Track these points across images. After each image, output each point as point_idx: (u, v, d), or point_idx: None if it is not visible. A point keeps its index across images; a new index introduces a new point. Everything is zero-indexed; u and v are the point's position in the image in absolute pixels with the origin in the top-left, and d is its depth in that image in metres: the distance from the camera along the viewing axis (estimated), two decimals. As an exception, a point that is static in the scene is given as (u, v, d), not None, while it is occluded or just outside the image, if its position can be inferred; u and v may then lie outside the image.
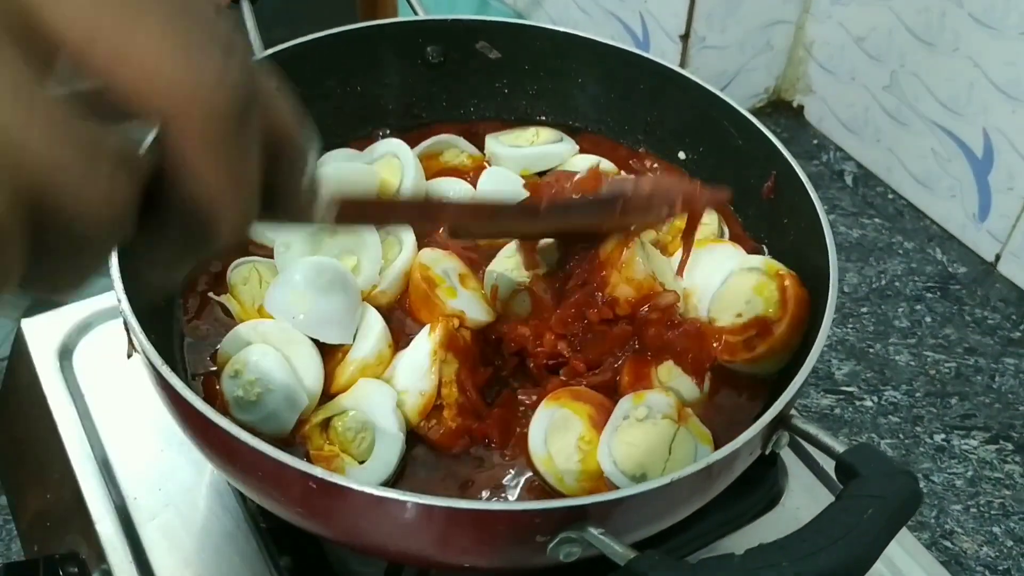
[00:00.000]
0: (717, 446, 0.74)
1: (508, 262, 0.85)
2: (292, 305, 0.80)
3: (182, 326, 0.83)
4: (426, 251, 0.85)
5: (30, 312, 0.97)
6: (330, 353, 0.80)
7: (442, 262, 0.85)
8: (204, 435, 0.67)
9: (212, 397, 0.78)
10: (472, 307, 0.82)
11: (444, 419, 0.76)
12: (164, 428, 0.87)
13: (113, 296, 0.70)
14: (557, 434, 0.74)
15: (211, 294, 0.84)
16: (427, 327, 0.79)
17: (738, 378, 0.82)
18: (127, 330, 0.69)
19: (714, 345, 0.80)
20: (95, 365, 0.94)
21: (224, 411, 0.77)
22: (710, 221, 0.92)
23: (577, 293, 0.80)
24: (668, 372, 0.79)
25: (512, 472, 0.76)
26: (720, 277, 0.83)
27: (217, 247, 0.40)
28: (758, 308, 0.80)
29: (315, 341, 0.79)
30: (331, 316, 0.80)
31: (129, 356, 0.72)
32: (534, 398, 0.78)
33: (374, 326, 0.81)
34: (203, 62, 0.36)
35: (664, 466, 0.72)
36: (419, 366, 0.77)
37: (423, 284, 0.82)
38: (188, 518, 0.83)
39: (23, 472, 0.95)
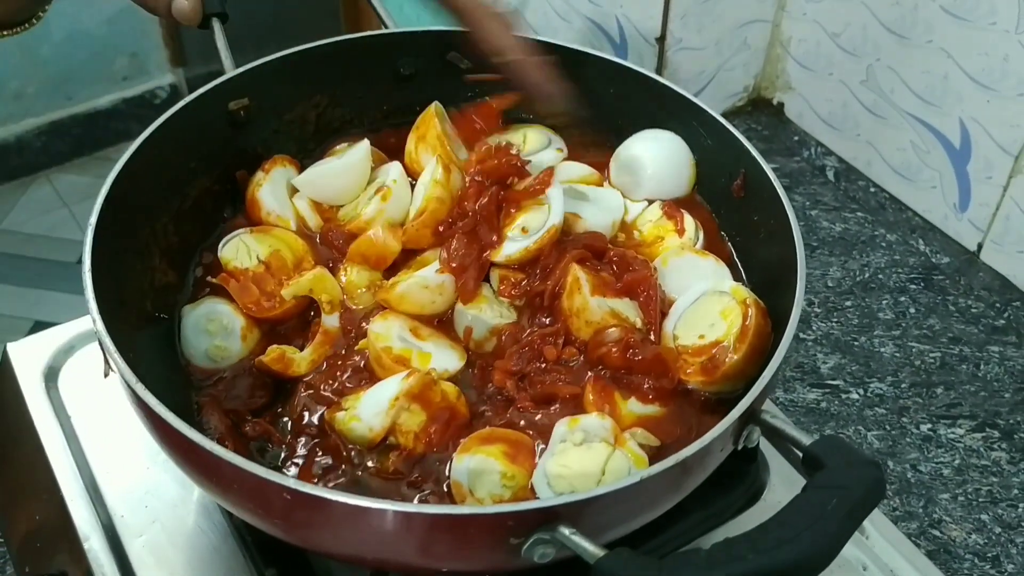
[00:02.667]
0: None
1: (483, 304, 0.85)
2: None
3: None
4: (374, 326, 0.83)
5: (16, 336, 0.98)
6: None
7: (392, 329, 0.83)
8: (181, 450, 0.68)
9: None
10: (443, 357, 0.83)
11: (387, 459, 0.76)
12: (149, 446, 0.88)
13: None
14: (479, 481, 0.73)
15: (210, 278, 0.87)
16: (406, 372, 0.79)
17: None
18: (103, 350, 0.70)
19: (676, 368, 0.81)
20: (80, 386, 0.96)
21: None
22: (688, 227, 0.93)
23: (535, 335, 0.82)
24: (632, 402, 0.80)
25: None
26: (691, 295, 0.85)
27: None
28: (719, 332, 0.81)
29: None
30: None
31: (106, 375, 0.73)
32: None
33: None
34: None
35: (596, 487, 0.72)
36: (378, 403, 0.77)
37: (397, 366, 0.80)
38: (174, 534, 0.84)
39: (12, 494, 0.96)
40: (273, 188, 0.94)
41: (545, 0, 1.66)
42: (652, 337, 0.84)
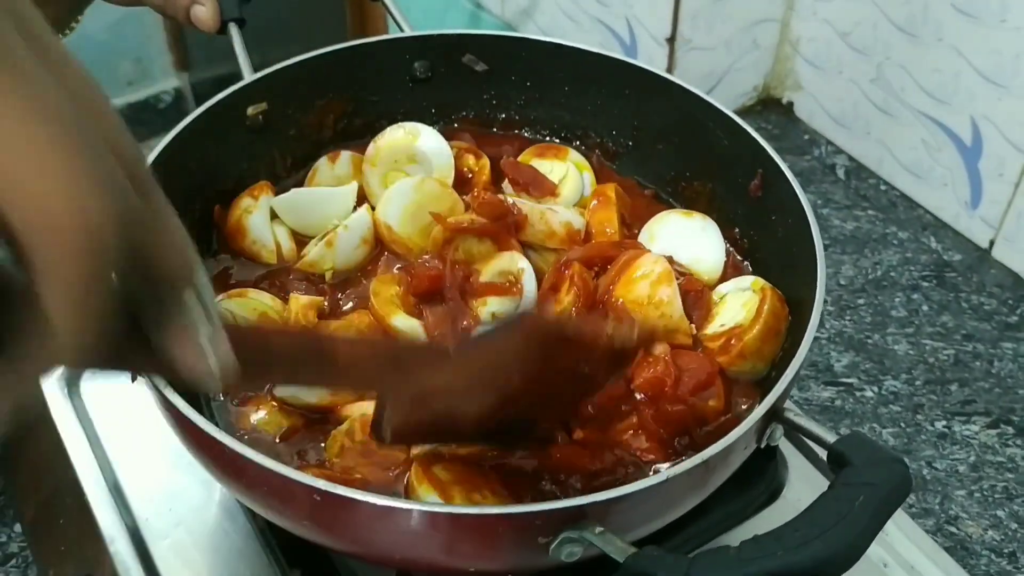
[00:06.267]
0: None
1: None
2: None
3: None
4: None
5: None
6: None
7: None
8: (209, 453, 0.68)
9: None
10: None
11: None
12: (172, 450, 0.89)
13: (116, 322, 0.72)
14: None
15: None
16: None
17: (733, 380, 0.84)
18: (130, 354, 0.71)
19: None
20: (102, 391, 0.96)
21: None
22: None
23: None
24: None
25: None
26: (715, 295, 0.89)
27: (47, 370, 0.41)
28: (739, 319, 0.84)
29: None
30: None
31: (133, 380, 0.74)
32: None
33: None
34: (86, 204, 0.36)
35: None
36: None
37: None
38: (199, 536, 0.85)
39: (36, 499, 0.96)
40: (262, 215, 0.93)
41: (554, 2, 1.67)
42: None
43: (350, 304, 0.89)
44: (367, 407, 0.79)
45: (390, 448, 0.72)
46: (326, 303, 0.88)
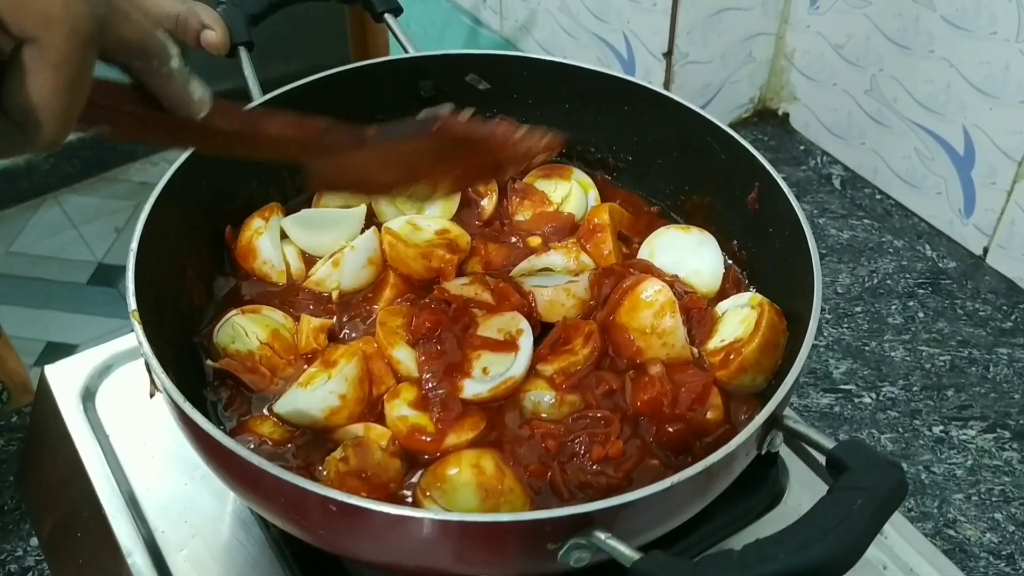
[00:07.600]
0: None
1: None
2: None
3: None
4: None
5: (52, 358, 1.01)
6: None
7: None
8: (226, 465, 0.70)
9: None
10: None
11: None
12: (186, 462, 0.91)
13: (132, 339, 0.74)
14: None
15: (209, 361, 0.86)
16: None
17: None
18: (149, 371, 0.73)
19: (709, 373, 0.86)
20: (117, 406, 0.98)
21: None
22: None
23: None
24: None
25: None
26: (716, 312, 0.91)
27: (32, 151, 0.53)
28: (739, 334, 0.86)
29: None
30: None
31: (152, 396, 0.76)
32: None
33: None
34: (71, 4, 0.50)
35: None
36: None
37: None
38: (214, 547, 0.87)
39: (53, 513, 0.98)
40: (272, 237, 0.95)
41: (552, 18, 1.69)
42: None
43: (357, 331, 0.91)
44: (358, 430, 0.81)
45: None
46: (335, 322, 0.90)
